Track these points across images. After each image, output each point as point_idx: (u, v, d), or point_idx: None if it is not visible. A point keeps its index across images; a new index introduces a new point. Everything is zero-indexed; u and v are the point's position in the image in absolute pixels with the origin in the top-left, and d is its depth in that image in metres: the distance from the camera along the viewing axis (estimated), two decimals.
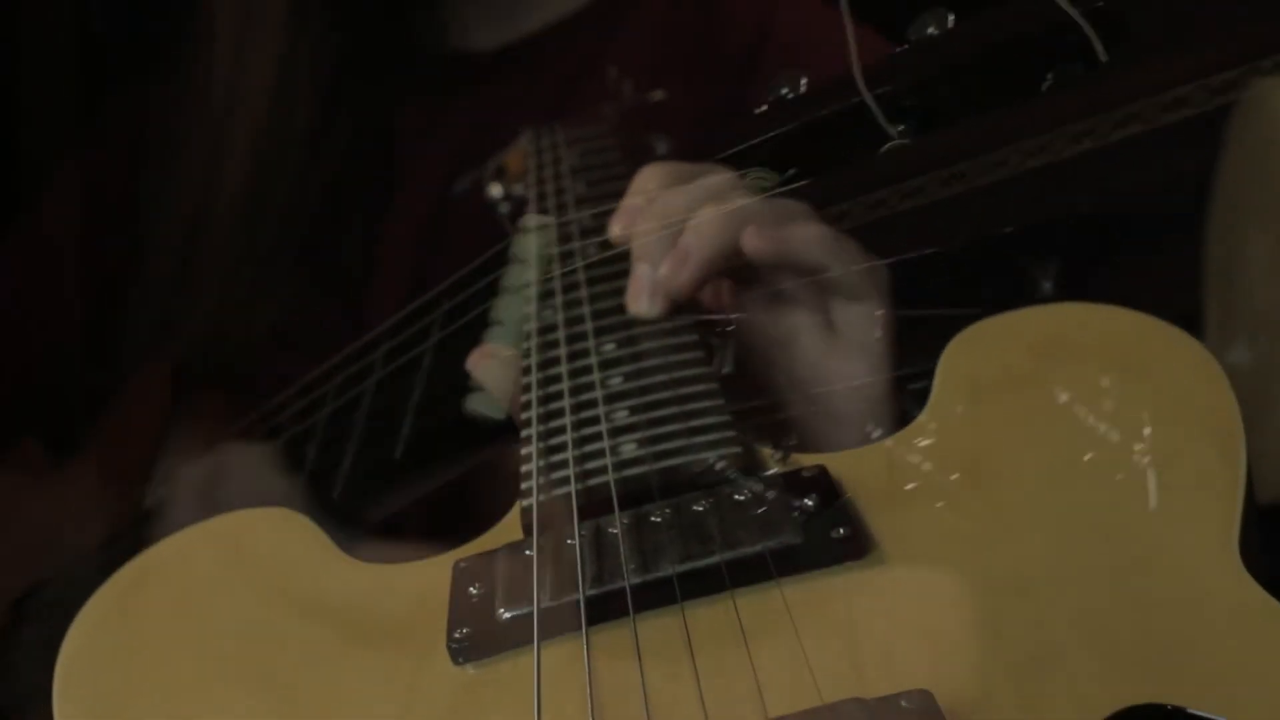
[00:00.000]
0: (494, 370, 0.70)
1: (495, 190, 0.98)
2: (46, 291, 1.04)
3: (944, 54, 0.71)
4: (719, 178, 0.70)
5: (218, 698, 0.52)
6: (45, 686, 0.68)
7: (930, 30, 0.71)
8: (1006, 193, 0.68)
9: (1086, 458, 0.52)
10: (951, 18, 0.71)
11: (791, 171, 0.71)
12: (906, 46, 0.72)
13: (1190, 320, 0.58)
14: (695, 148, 0.91)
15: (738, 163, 0.73)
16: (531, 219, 0.71)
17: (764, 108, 0.76)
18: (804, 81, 0.74)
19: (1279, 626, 0.43)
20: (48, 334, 1.04)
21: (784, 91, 0.74)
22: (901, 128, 0.69)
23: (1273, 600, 0.44)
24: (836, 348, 0.67)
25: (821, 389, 0.67)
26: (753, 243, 0.65)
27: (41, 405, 1.02)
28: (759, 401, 0.68)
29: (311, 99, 0.96)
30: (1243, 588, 0.45)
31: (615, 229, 0.69)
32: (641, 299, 0.66)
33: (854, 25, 0.71)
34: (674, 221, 0.67)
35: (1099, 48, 0.65)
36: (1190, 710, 0.40)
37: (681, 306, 0.66)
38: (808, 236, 0.66)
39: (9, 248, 1.06)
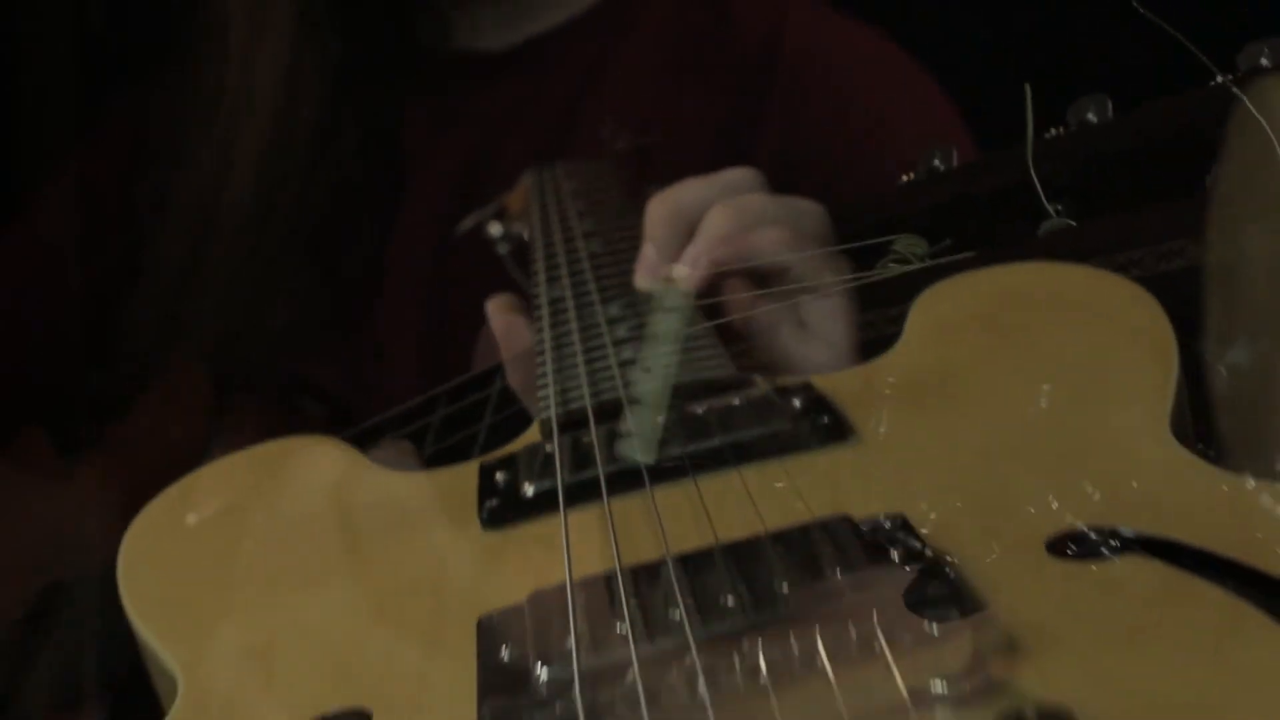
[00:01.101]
0: (506, 322, 0.77)
1: (495, 230, 1.04)
2: (48, 289, 1.05)
3: (1108, 139, 0.74)
4: (737, 173, 0.76)
5: (268, 566, 0.59)
6: (60, 700, 0.72)
7: (1089, 116, 0.74)
8: (1186, 282, 0.67)
9: (1041, 366, 0.59)
10: (1110, 105, 0.74)
11: (947, 242, 0.74)
12: (1064, 129, 0.75)
13: None
14: (708, 150, 0.95)
15: (887, 229, 0.75)
16: (676, 269, 0.72)
17: (911, 176, 0.79)
18: (955, 153, 0.78)
19: (1201, 475, 0.50)
20: (50, 331, 1.04)
21: (935, 162, 0.78)
22: (1059, 207, 0.72)
23: (1197, 458, 0.51)
24: (805, 342, 0.73)
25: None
26: (716, 252, 0.71)
27: (46, 403, 1.02)
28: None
29: (318, 101, 0.98)
30: (1172, 449, 0.52)
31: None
32: (645, 279, 0.73)
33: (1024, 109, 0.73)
34: (685, 210, 0.74)
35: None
36: (1122, 530, 0.47)
37: None
38: (768, 241, 0.71)
39: (9, 245, 1.07)
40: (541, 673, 0.44)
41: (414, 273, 1.02)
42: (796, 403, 0.59)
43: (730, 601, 0.44)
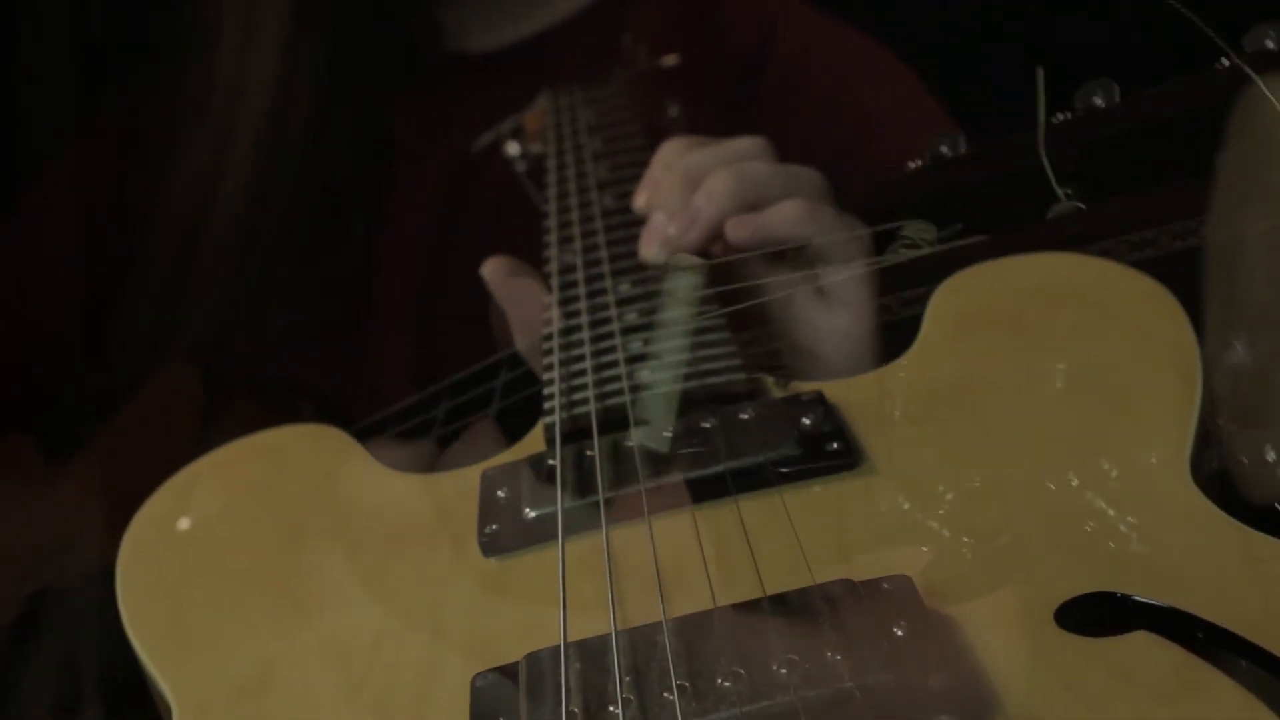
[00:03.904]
0: (511, 288, 0.75)
1: (512, 149, 1.02)
2: (40, 288, 1.04)
3: (1118, 122, 0.72)
4: (746, 141, 0.74)
5: (266, 587, 0.57)
6: (58, 703, 0.71)
7: (1097, 100, 0.73)
8: (1191, 262, 0.66)
9: (1059, 384, 0.57)
10: (1118, 89, 0.72)
11: (957, 226, 0.73)
12: (1072, 113, 0.74)
13: None
14: None
15: (896, 215, 0.74)
16: (682, 258, 0.70)
17: (919, 163, 0.78)
18: (962, 140, 0.77)
19: (1220, 531, 0.49)
20: (42, 330, 1.03)
21: (942, 148, 0.77)
22: (1069, 191, 0.71)
23: (1215, 508, 0.50)
24: (823, 307, 0.72)
25: (813, 343, 0.72)
26: (735, 233, 0.69)
27: (37, 403, 1.01)
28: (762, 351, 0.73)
29: (311, 101, 0.97)
30: (1190, 497, 0.50)
31: (640, 200, 0.74)
32: (651, 247, 0.71)
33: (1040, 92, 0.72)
34: (693, 178, 0.72)
35: None
36: (1136, 598, 0.46)
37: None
38: (786, 215, 0.69)
39: (3, 244, 1.06)
40: None
41: (405, 272, 1.00)
42: (807, 421, 0.57)
43: (726, 686, 0.43)
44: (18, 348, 1.01)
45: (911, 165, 0.77)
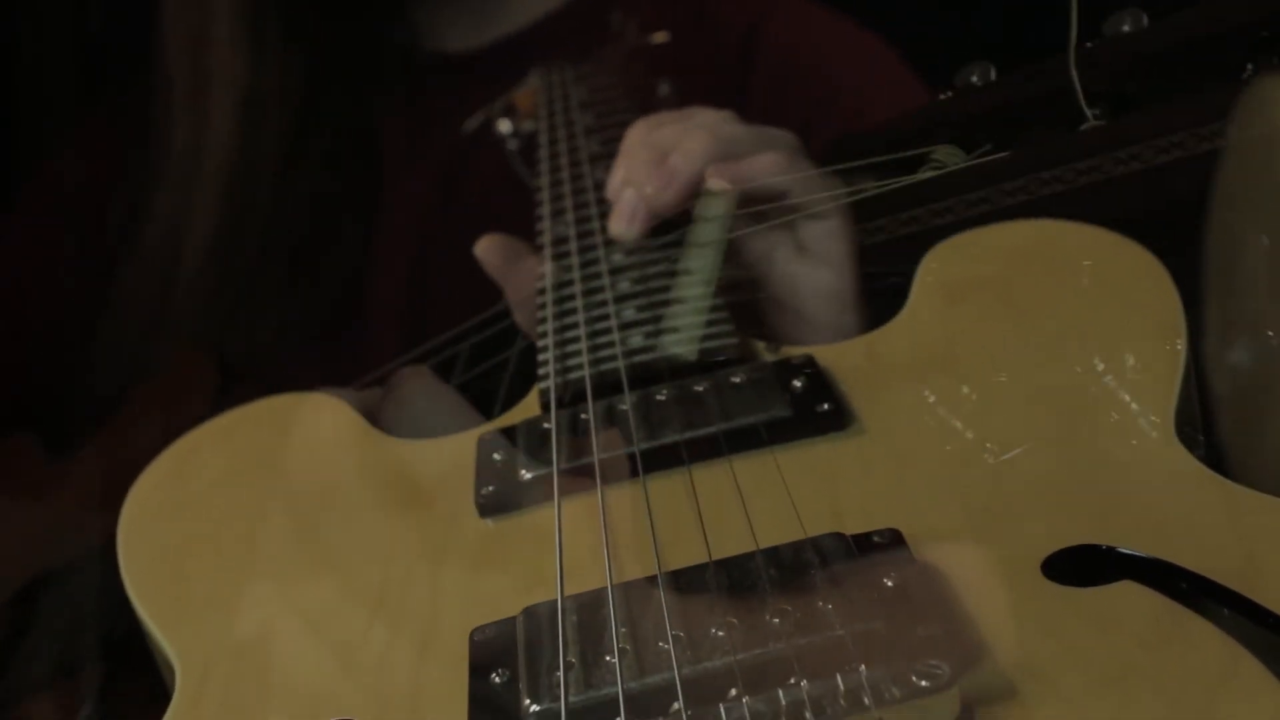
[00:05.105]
0: (506, 267, 0.76)
1: (504, 127, 1.02)
2: (40, 288, 1.04)
3: (1143, 43, 0.73)
4: (711, 113, 0.75)
5: (265, 550, 0.58)
6: (52, 675, 0.72)
7: (1125, 28, 0.73)
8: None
9: (1045, 346, 0.58)
10: (1146, 18, 0.73)
11: (987, 147, 0.73)
12: (1100, 40, 0.74)
13: None
14: None
15: (926, 142, 0.75)
16: (714, 184, 0.70)
17: (949, 94, 0.78)
18: (992, 69, 0.77)
19: (1204, 486, 0.50)
20: (42, 330, 1.03)
21: (973, 79, 0.77)
22: (1097, 111, 0.72)
23: (1201, 465, 0.51)
24: (804, 264, 0.73)
25: (796, 301, 0.73)
26: (713, 180, 0.70)
27: (37, 403, 1.00)
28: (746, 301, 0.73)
29: (282, 112, 0.97)
30: (1175, 455, 0.51)
31: (614, 179, 0.73)
32: (622, 222, 0.72)
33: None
34: (666, 149, 0.72)
35: None
36: (1120, 549, 0.47)
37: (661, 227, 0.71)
38: (764, 166, 0.70)
39: (3, 242, 1.05)
40: (530, 708, 0.44)
41: (398, 273, 1.01)
42: (798, 384, 0.58)
43: (721, 635, 0.44)
44: (18, 348, 1.01)
45: (942, 96, 0.78)
